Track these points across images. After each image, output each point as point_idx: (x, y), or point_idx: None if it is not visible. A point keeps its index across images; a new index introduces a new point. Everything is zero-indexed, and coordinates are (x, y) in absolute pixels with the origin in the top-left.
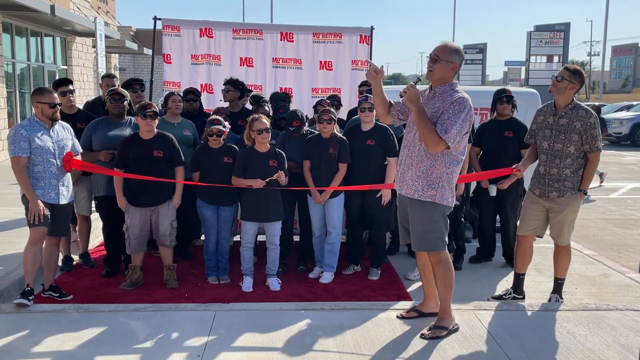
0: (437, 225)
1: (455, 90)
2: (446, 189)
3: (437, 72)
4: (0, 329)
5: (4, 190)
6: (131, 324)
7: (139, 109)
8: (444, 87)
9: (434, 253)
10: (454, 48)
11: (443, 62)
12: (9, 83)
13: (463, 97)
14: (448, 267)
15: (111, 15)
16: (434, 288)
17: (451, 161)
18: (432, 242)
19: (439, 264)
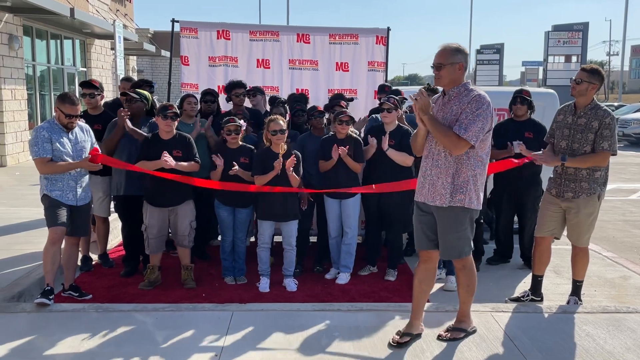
0: (466, 231)
1: (470, 89)
2: (473, 192)
3: (444, 77)
4: (21, 328)
5: (25, 191)
6: (150, 323)
7: (159, 110)
8: (457, 88)
9: (459, 259)
10: (454, 48)
11: (447, 66)
12: (29, 85)
13: (480, 94)
14: (472, 272)
15: (129, 17)
16: (424, 305)
17: (477, 163)
18: (460, 248)
19: (464, 270)
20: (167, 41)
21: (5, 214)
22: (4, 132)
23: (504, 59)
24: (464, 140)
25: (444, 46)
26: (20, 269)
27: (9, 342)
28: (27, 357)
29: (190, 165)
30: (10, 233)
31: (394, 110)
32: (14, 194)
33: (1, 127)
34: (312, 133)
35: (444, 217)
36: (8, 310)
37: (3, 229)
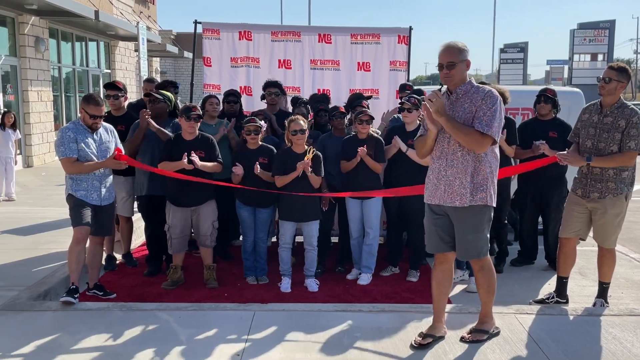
0: (485, 230)
1: (477, 85)
2: (491, 189)
3: (456, 76)
4: (47, 326)
5: (51, 191)
6: (172, 322)
7: (183, 111)
8: (464, 86)
9: (478, 260)
10: (460, 46)
11: (458, 64)
12: (55, 87)
13: (490, 89)
14: (491, 272)
15: (152, 19)
16: (445, 306)
17: (493, 159)
18: (480, 248)
19: (482, 271)
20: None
21: (32, 213)
22: (31, 133)
23: (528, 58)
24: (488, 136)
25: (450, 45)
26: (45, 268)
27: (35, 340)
28: (53, 354)
29: (213, 166)
30: (37, 232)
31: (414, 110)
32: (40, 194)
33: (28, 128)
34: (333, 133)
35: (463, 217)
36: (34, 309)
37: (29, 229)
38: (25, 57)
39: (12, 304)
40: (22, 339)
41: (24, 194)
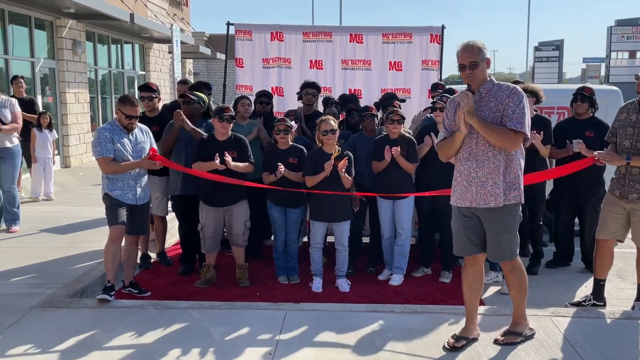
0: (516, 230)
1: (499, 83)
2: (521, 186)
3: (479, 75)
4: (84, 323)
5: (87, 190)
6: (206, 321)
7: (216, 112)
8: (486, 85)
9: (509, 262)
10: (480, 45)
11: (480, 63)
12: (91, 89)
13: (514, 86)
14: (522, 273)
15: (186, 21)
16: (477, 308)
17: (521, 156)
18: (513, 248)
19: (514, 272)
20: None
21: (69, 212)
22: (68, 134)
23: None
24: (521, 134)
25: (469, 44)
26: (83, 265)
27: (72, 337)
28: (89, 351)
29: (245, 166)
30: (74, 231)
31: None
32: (78, 193)
33: (65, 129)
34: (364, 134)
35: (497, 217)
36: (72, 306)
37: (67, 227)
38: (63, 60)
39: (50, 301)
40: (60, 335)
41: (62, 194)
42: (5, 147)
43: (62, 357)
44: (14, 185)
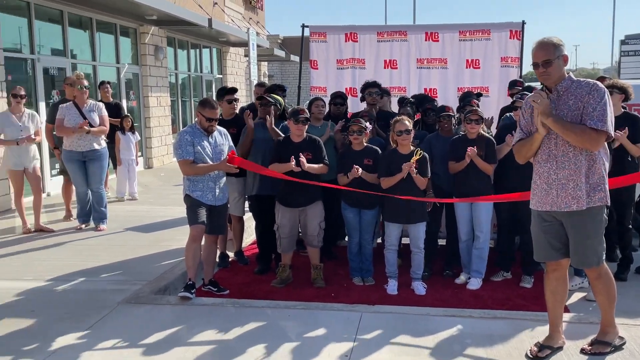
0: (603, 233)
1: (578, 79)
2: (606, 187)
3: (554, 74)
4: (167, 319)
5: (168, 191)
6: (282, 320)
7: (291, 114)
8: (564, 82)
9: (595, 268)
10: (555, 41)
11: (555, 60)
12: (172, 92)
13: (593, 82)
14: (610, 278)
15: (261, 25)
16: (562, 315)
17: (605, 155)
18: (600, 253)
19: (600, 279)
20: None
21: (152, 212)
22: (151, 137)
23: None
24: (603, 132)
25: (544, 42)
26: (165, 263)
27: (156, 332)
28: (172, 346)
29: (319, 168)
30: (157, 230)
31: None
32: (160, 193)
33: (148, 132)
34: (440, 133)
35: (581, 221)
36: (156, 302)
37: (150, 226)
38: (146, 65)
39: (135, 297)
40: (145, 331)
41: (145, 194)
42: (93, 149)
43: (147, 351)
44: (102, 185)
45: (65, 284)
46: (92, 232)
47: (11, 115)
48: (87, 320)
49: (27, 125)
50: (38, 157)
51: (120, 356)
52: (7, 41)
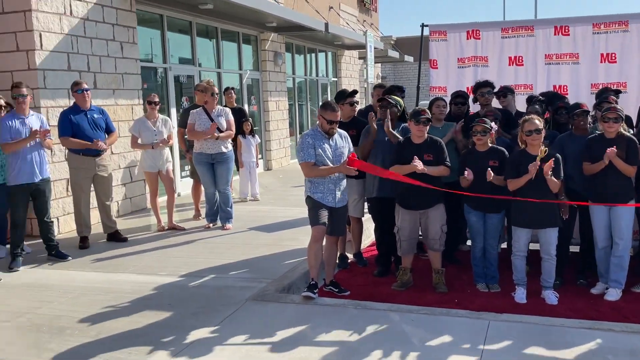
0: None
1: None
2: None
3: None
4: (291, 318)
5: (287, 192)
6: (405, 324)
7: (412, 115)
8: None
9: None
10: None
11: None
12: (289, 96)
13: None
14: None
15: (375, 26)
16: None
17: None
18: None
19: None
20: (409, 47)
21: (273, 212)
22: (270, 140)
23: None
24: None
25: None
26: (287, 263)
27: (281, 330)
28: (297, 345)
29: (441, 170)
30: (278, 230)
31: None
32: (279, 194)
33: (267, 135)
34: (574, 133)
35: None
36: (280, 300)
37: (272, 226)
38: (266, 71)
39: (261, 295)
40: (270, 328)
41: (265, 195)
42: (221, 152)
43: (274, 349)
44: (228, 186)
45: (196, 279)
46: (219, 230)
47: (147, 121)
48: (218, 315)
49: (160, 130)
50: (171, 159)
51: (249, 352)
52: (142, 52)
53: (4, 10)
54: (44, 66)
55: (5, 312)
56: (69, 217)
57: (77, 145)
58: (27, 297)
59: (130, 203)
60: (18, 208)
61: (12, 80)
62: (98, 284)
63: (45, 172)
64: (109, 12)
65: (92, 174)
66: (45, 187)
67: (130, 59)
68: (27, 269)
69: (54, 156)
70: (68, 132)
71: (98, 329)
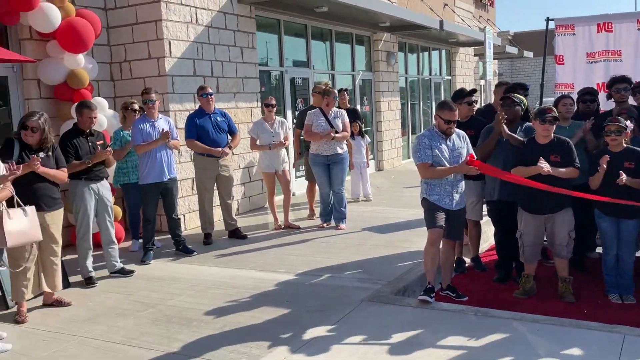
0: None
1: None
2: None
3: None
4: (408, 321)
5: (400, 193)
6: (529, 334)
7: (537, 113)
8: None
9: None
10: None
11: None
12: (402, 96)
13: None
14: None
15: (491, 22)
16: None
17: None
18: None
19: None
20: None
21: (386, 213)
22: (382, 140)
23: None
24: None
25: None
26: (402, 265)
27: (397, 333)
28: (414, 349)
29: (569, 172)
30: (392, 231)
31: None
32: (391, 195)
33: (379, 136)
34: None
35: None
36: (396, 303)
37: (385, 227)
38: (379, 71)
39: (377, 296)
40: (387, 330)
41: (377, 195)
42: (337, 153)
43: (391, 351)
44: (343, 187)
45: (312, 278)
46: (332, 230)
47: (265, 123)
48: (334, 314)
49: (278, 131)
50: (287, 160)
51: (367, 354)
52: (260, 56)
53: (137, 21)
54: (173, 72)
55: (139, 303)
56: (194, 215)
57: (202, 150)
58: (158, 289)
59: (249, 202)
60: (149, 205)
61: (144, 86)
62: (221, 279)
63: (173, 171)
64: (230, 19)
65: (215, 174)
66: (173, 186)
67: (249, 64)
68: (157, 262)
69: (181, 157)
70: (193, 135)
71: (222, 321)
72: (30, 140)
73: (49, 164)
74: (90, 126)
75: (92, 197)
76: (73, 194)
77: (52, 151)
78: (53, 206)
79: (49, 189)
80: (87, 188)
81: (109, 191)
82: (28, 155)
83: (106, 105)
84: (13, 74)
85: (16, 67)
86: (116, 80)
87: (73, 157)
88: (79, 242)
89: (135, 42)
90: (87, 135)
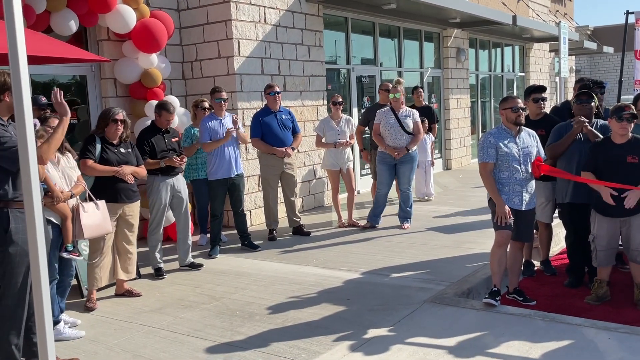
0: None
1: None
2: None
3: None
4: (471, 324)
5: (467, 192)
6: (600, 342)
7: (614, 111)
8: None
9: None
10: None
11: None
12: (472, 93)
13: None
14: None
15: (569, 16)
16: None
17: None
18: None
19: None
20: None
21: (452, 213)
22: (450, 138)
23: None
24: None
25: None
26: (467, 266)
27: (460, 335)
28: (477, 352)
29: None
30: (457, 232)
31: None
32: (459, 195)
33: (448, 134)
34: None
35: None
36: (460, 305)
37: (451, 227)
38: (448, 68)
39: (440, 297)
40: (450, 332)
41: (444, 195)
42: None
43: (452, 353)
44: (410, 186)
45: (375, 276)
46: (396, 229)
47: (331, 121)
48: (395, 314)
49: (344, 129)
50: (352, 158)
51: (427, 356)
52: (327, 54)
53: (208, 21)
54: (241, 71)
55: (206, 296)
56: (259, 211)
57: (266, 150)
58: (224, 283)
59: (314, 199)
60: (216, 201)
61: (214, 84)
62: (284, 275)
63: (240, 168)
64: (298, 18)
65: (280, 171)
66: (240, 182)
67: (316, 62)
68: (223, 256)
69: (248, 154)
70: (258, 133)
71: (284, 317)
72: (119, 133)
73: (131, 159)
74: (167, 126)
75: (168, 192)
76: (150, 188)
77: (132, 148)
78: (132, 198)
79: (129, 183)
80: (163, 183)
81: (184, 186)
82: (108, 149)
83: (178, 103)
84: (91, 73)
85: (94, 67)
86: (187, 79)
87: (148, 155)
88: (150, 234)
89: (205, 42)
90: (164, 133)
